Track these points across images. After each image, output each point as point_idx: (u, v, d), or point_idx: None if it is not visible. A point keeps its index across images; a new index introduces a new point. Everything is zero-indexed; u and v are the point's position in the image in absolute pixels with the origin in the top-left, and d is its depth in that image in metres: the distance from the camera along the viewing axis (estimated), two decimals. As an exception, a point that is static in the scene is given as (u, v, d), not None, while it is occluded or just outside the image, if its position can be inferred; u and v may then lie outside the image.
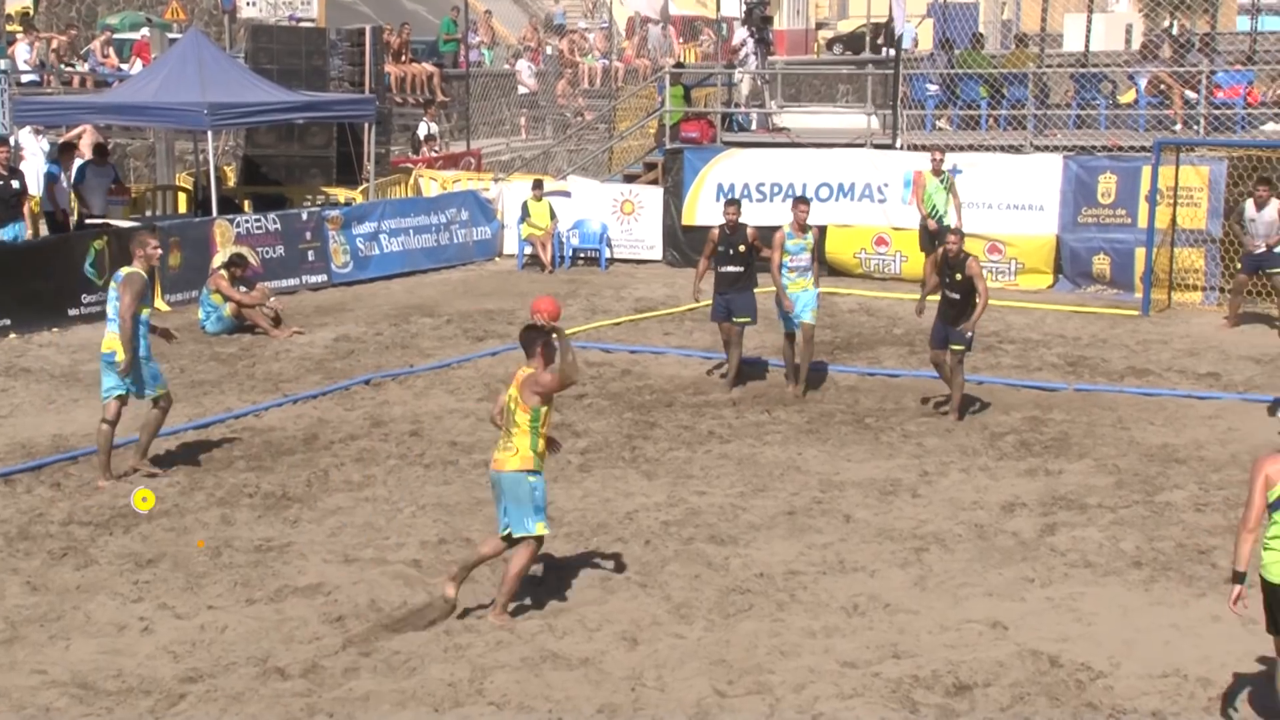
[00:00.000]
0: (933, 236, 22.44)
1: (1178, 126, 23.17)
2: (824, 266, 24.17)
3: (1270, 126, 23.19)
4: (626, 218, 26.18)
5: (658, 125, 27.48)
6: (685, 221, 25.65)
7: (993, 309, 21.28)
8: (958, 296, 15.75)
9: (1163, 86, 23.62)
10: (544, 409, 10.32)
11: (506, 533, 10.41)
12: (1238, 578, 8.67)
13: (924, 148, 23.84)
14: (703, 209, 25.39)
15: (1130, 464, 14.22)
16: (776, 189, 24.81)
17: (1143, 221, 21.85)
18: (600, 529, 12.46)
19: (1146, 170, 21.85)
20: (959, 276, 15.73)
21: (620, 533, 12.38)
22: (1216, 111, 22.86)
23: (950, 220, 22.17)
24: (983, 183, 23.36)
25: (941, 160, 22.20)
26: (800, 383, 16.88)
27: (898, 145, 24.44)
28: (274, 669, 9.72)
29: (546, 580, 11.29)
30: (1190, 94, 23.12)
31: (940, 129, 25.28)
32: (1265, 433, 15.01)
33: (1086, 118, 24.36)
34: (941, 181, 22.15)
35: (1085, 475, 13.93)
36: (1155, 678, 9.62)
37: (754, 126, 27.43)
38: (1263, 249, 19.93)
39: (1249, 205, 19.94)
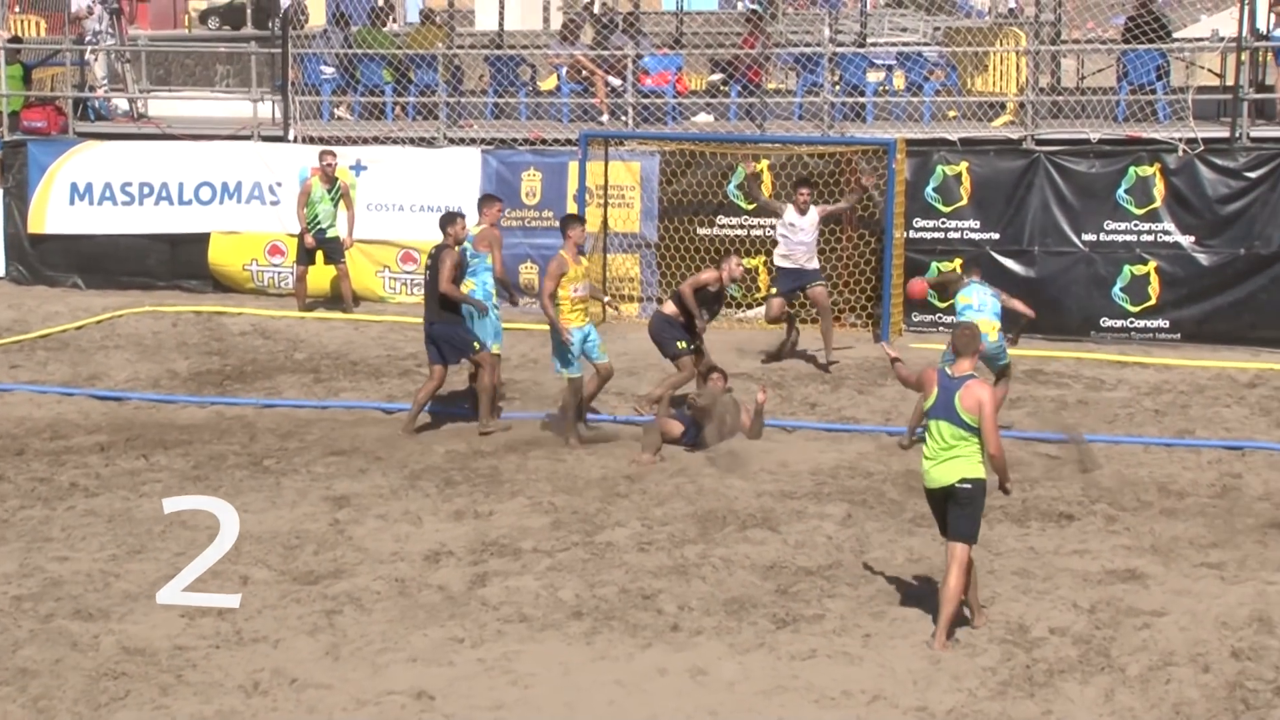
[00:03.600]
0: (310, 252, 22.51)
1: (604, 117, 24.10)
2: (209, 281, 24.02)
3: (702, 117, 24.49)
4: (-43, 226, 24.94)
5: (-8, 112, 26.31)
6: (32, 229, 24.68)
7: (408, 327, 21.65)
8: None
9: (585, 72, 24.50)
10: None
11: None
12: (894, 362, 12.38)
13: (322, 140, 23.83)
14: (54, 214, 24.50)
15: (568, 501, 14.68)
16: (147, 190, 24.24)
17: (571, 224, 22.62)
18: (-66, 612, 11.81)
19: (573, 166, 22.65)
20: None
21: (-39, 614, 11.77)
22: (645, 100, 23.94)
23: (340, 233, 22.34)
24: (391, 181, 23.56)
25: (334, 165, 22.26)
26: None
27: (291, 137, 24.33)
28: None
29: None
30: (615, 80, 24.10)
31: (340, 118, 25.33)
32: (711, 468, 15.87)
33: (505, 106, 24.99)
34: (330, 191, 22.22)
35: (519, 516, 14.27)
36: (602, 742, 9.97)
37: (116, 114, 26.68)
38: (811, 263, 20.02)
39: (790, 210, 19.96)
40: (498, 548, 13.43)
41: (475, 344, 16.85)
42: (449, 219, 17.04)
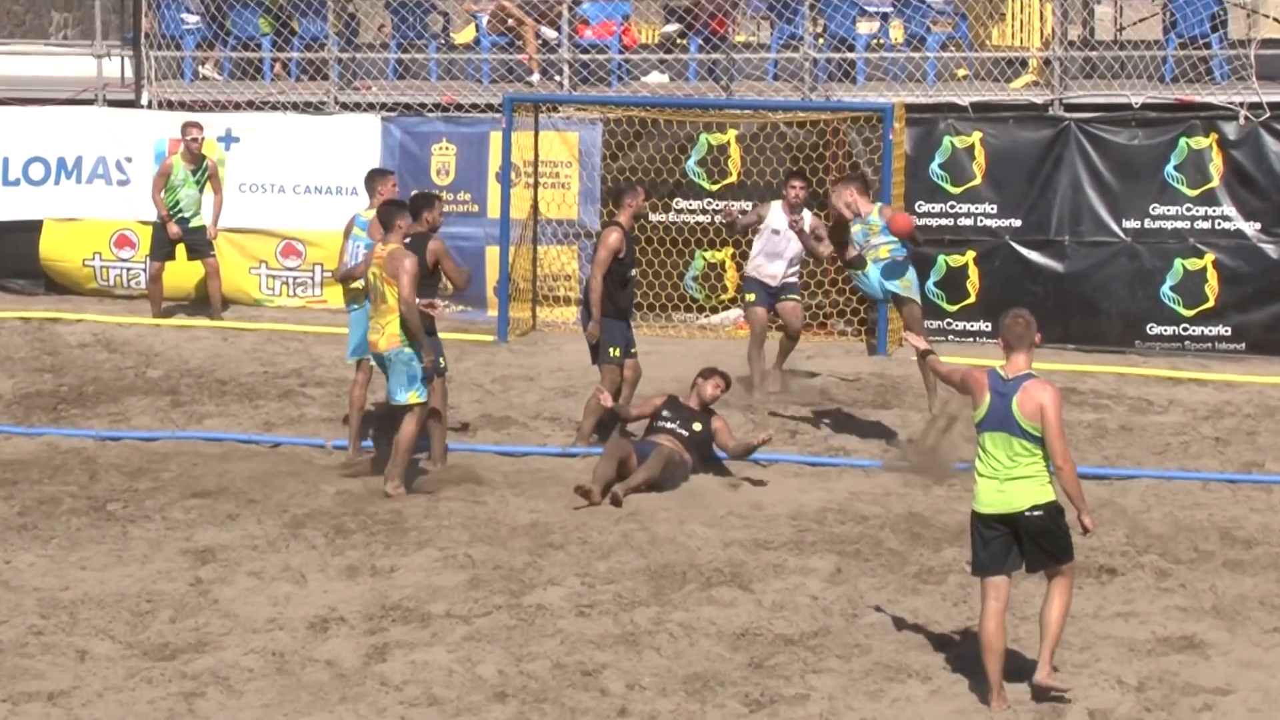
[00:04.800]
0: (170, 244, 22.39)
1: (535, 77, 24.04)
2: (40, 281, 23.85)
3: (655, 77, 24.43)
4: None
5: None
6: None
7: (290, 337, 21.55)
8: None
9: (511, 22, 24.45)
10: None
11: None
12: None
13: (183, 104, 23.69)
14: None
15: (489, 553, 14.55)
16: (-36, 163, 24.16)
17: (494, 210, 22.53)
18: None
19: (496, 137, 22.55)
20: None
21: None
22: (584, 57, 23.89)
23: (204, 221, 22.24)
24: (270, 155, 23.52)
25: (199, 141, 22.16)
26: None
27: (145, 101, 24.22)
28: None
29: None
30: (549, 32, 24.05)
31: (206, 78, 25.25)
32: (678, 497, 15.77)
33: (411, 64, 24.92)
34: (196, 173, 22.12)
35: (428, 572, 14.16)
36: None
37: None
38: (791, 276, 19.60)
39: (775, 211, 19.44)
40: (401, 612, 13.31)
41: (441, 360, 16.46)
42: (426, 200, 16.93)
